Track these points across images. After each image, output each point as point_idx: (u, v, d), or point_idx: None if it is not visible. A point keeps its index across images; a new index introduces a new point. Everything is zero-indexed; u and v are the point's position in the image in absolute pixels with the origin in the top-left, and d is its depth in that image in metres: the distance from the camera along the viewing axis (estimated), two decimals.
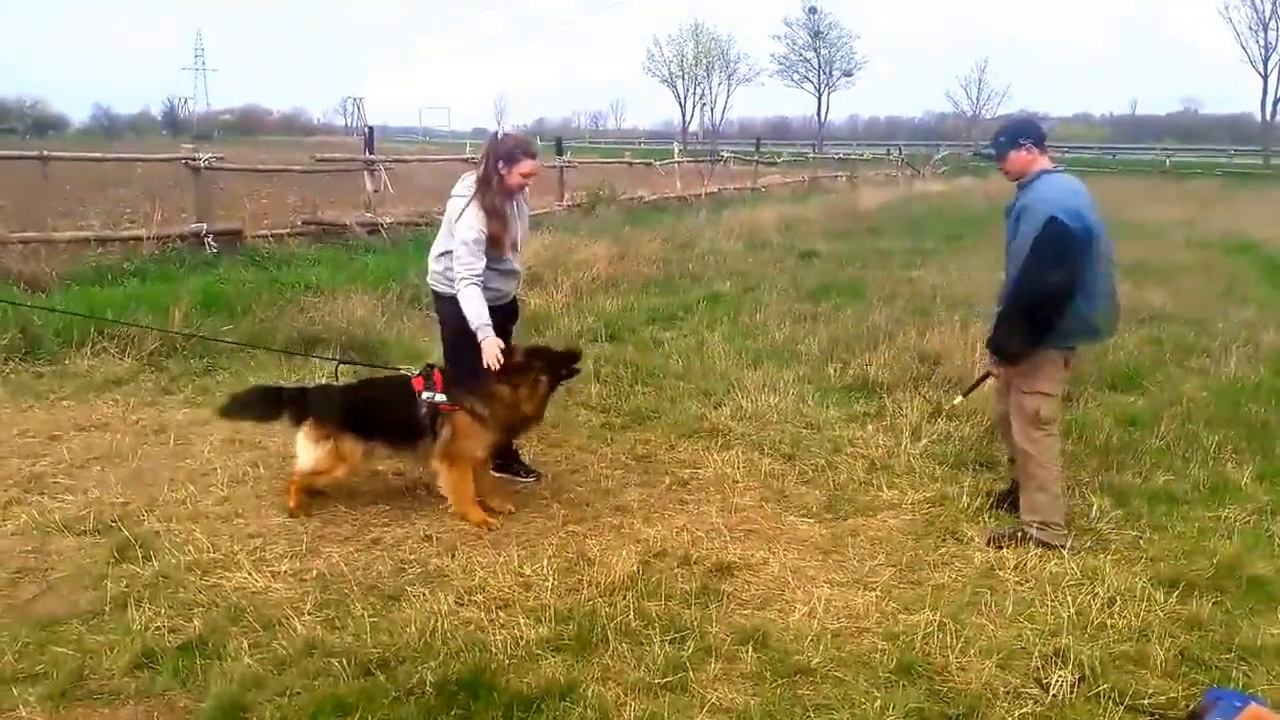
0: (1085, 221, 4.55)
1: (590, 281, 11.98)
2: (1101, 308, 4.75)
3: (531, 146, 5.19)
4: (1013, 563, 4.67)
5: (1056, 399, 4.92)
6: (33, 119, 75.14)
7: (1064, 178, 4.81)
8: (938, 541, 4.97)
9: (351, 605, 4.05)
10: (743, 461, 5.98)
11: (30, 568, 4.33)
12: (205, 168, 12.11)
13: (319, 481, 5.08)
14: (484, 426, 4.98)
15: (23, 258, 9.74)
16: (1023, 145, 4.84)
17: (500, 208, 5.04)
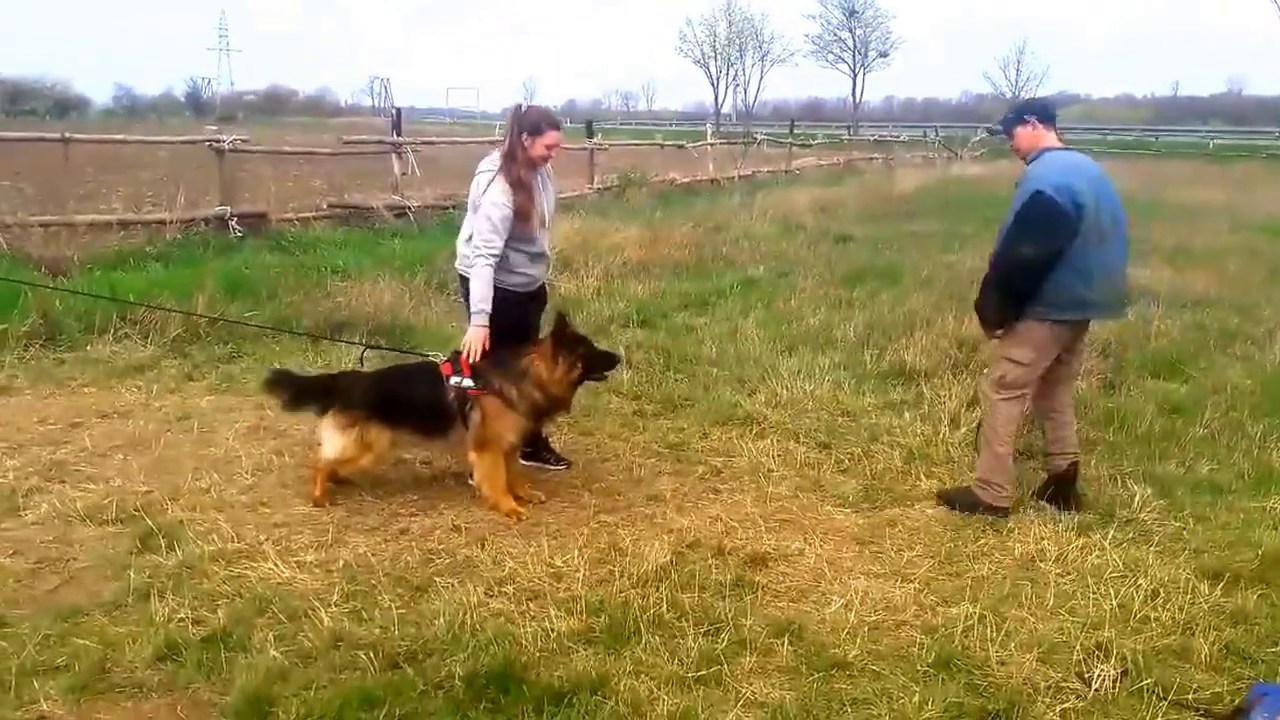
0: (1074, 197, 4.67)
1: (621, 266, 11.94)
2: (1098, 285, 4.84)
3: (555, 117, 5.18)
4: (1054, 554, 4.61)
5: (1027, 370, 4.98)
6: (54, 100, 75.89)
7: (1066, 155, 4.91)
8: (977, 533, 4.90)
9: (379, 597, 4.05)
10: (777, 450, 5.94)
11: (51, 558, 4.36)
12: (230, 150, 12.16)
13: (344, 470, 5.08)
14: (513, 410, 4.95)
15: (43, 242, 9.82)
16: (1028, 122, 5.01)
17: (526, 181, 5.03)
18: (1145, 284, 11.29)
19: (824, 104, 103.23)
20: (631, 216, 15.38)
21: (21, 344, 7.54)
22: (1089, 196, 4.74)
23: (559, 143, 5.11)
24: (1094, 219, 4.75)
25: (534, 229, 5.12)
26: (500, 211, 4.96)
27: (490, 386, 4.94)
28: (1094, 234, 4.76)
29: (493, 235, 4.98)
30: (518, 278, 5.21)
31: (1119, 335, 8.66)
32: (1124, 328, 8.93)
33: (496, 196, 4.98)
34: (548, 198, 5.28)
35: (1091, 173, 4.92)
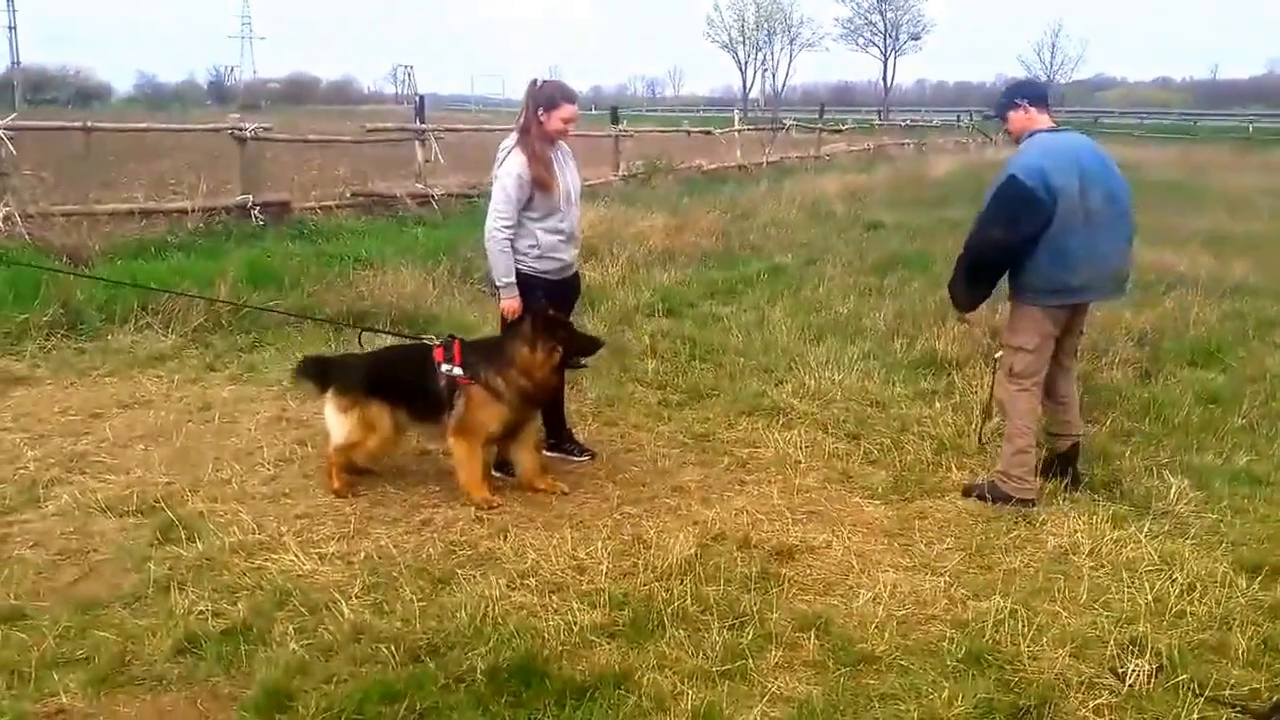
0: (1047, 181, 4.67)
1: (646, 254, 11.91)
2: (1084, 270, 4.83)
3: (571, 91, 5.16)
4: (1087, 547, 4.55)
5: (1033, 355, 5.00)
6: (76, 88, 76.60)
7: (1054, 137, 4.92)
8: (1009, 525, 4.86)
9: (400, 589, 4.05)
10: (805, 441, 5.91)
11: (72, 549, 4.39)
12: (251, 138, 12.22)
13: (354, 455, 5.10)
14: (499, 400, 4.95)
15: (65, 231, 9.89)
16: (1019, 105, 5.03)
17: (543, 154, 5.06)
18: (1183, 271, 11.16)
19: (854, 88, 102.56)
20: (657, 204, 15.33)
21: (43, 333, 7.60)
22: (1069, 179, 4.71)
23: (575, 117, 5.13)
24: (1075, 202, 4.71)
25: (558, 202, 5.13)
26: (515, 181, 5.00)
27: (478, 376, 4.94)
28: (1076, 217, 4.72)
29: (506, 206, 5.03)
30: (550, 262, 5.23)
31: (1156, 323, 8.56)
32: (1161, 316, 8.84)
33: (512, 167, 5.04)
34: (570, 174, 5.28)
35: (1081, 154, 4.88)
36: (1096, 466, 5.52)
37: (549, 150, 5.13)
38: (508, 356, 4.96)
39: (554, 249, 5.20)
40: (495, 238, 5.09)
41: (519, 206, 5.07)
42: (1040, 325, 4.97)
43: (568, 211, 5.22)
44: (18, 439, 5.77)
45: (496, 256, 5.12)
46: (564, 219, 5.20)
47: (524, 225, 5.14)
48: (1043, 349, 5.02)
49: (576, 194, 5.34)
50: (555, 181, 5.10)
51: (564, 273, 5.34)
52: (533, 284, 5.19)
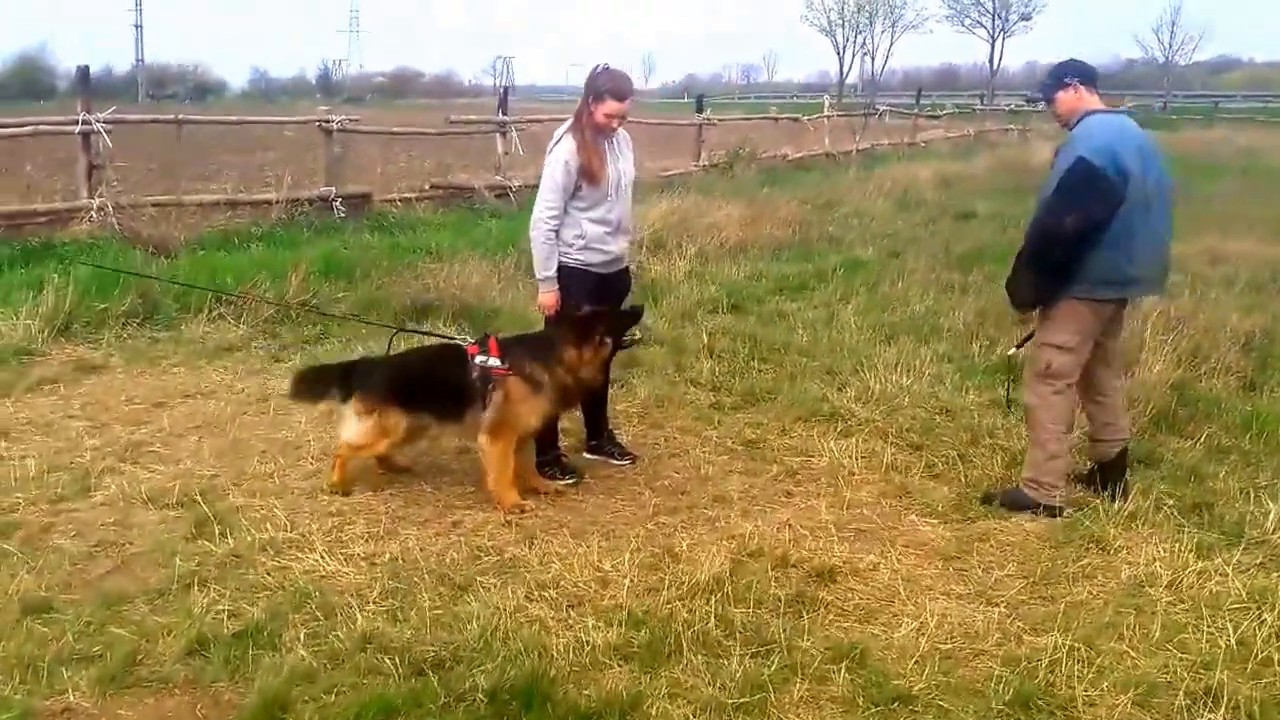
0: (1119, 164, 4.47)
1: (718, 247, 11.68)
2: (1142, 259, 4.65)
3: (623, 86, 4.98)
4: (1165, 579, 4.18)
5: (1073, 355, 4.76)
6: (194, 83, 79.38)
7: (1111, 118, 4.73)
8: (1080, 550, 4.51)
9: (419, 595, 3.94)
10: (862, 450, 5.62)
11: (109, 541, 4.39)
12: (338, 130, 12.33)
13: (361, 455, 5.03)
14: (539, 393, 4.81)
15: (153, 221, 10.09)
16: (1068, 84, 4.81)
17: (593, 142, 4.93)
18: None
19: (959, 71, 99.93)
20: (736, 194, 15.05)
21: (120, 323, 7.73)
22: (1135, 163, 4.53)
23: (618, 113, 4.95)
24: (1140, 187, 4.53)
25: (605, 191, 4.99)
26: (563, 168, 4.90)
27: (518, 368, 4.79)
28: (1139, 203, 4.54)
29: (553, 194, 4.94)
30: (596, 254, 5.09)
31: (1267, 327, 7.98)
32: (1274, 319, 8.24)
33: (560, 154, 4.94)
34: (623, 164, 5.14)
35: (1138, 138, 4.71)
36: (1185, 487, 5.13)
37: (600, 139, 4.98)
38: (554, 354, 4.83)
39: (600, 240, 5.05)
40: (540, 227, 4.99)
41: (566, 195, 4.95)
42: (1084, 322, 4.72)
43: (615, 202, 5.07)
44: (81, 426, 5.85)
45: (539, 246, 5.02)
46: (611, 209, 5.05)
47: (570, 215, 5.02)
48: (1082, 348, 4.77)
49: (628, 185, 5.19)
50: (604, 172, 4.96)
51: (611, 266, 5.18)
52: (578, 277, 5.04)
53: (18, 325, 7.29)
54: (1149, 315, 7.37)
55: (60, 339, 7.39)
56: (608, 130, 4.97)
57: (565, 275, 5.04)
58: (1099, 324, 4.80)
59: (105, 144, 10.12)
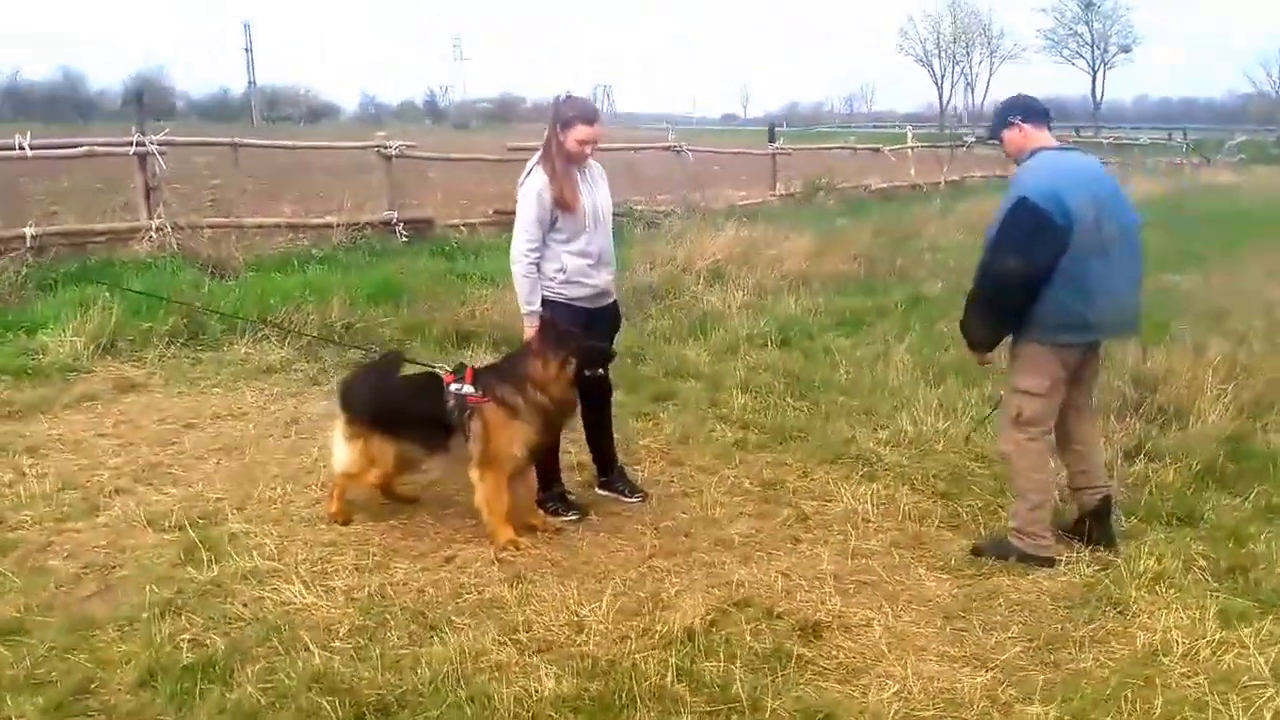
0: (1064, 205, 4.31)
1: (780, 279, 11.51)
2: (1101, 305, 4.47)
3: (590, 111, 4.94)
4: (1182, 648, 3.89)
5: (1043, 400, 4.60)
6: (307, 107, 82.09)
7: (1061, 156, 4.60)
8: (1095, 612, 4.24)
9: (388, 633, 3.89)
10: (882, 497, 5.41)
11: (99, 564, 4.45)
12: (396, 156, 12.52)
13: (355, 485, 5.01)
14: (518, 418, 4.73)
15: (211, 242, 10.34)
16: (1013, 124, 4.69)
17: (564, 173, 4.87)
18: None
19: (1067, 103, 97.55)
20: (810, 225, 14.86)
21: (164, 342, 7.91)
22: (1084, 204, 4.36)
23: (591, 138, 4.89)
24: (1091, 230, 4.36)
25: (583, 222, 4.93)
26: (535, 200, 4.85)
27: (492, 393, 4.73)
28: (1092, 246, 4.37)
29: (529, 227, 4.90)
30: (580, 288, 5.01)
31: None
32: None
33: (532, 185, 4.89)
34: (599, 195, 5.07)
35: (1092, 177, 4.55)
36: (1223, 549, 4.80)
37: (572, 168, 4.92)
38: (520, 372, 4.76)
39: (582, 273, 4.98)
40: (520, 262, 4.94)
41: (544, 227, 4.90)
42: (1050, 367, 4.56)
43: (594, 233, 5.00)
44: (108, 445, 5.99)
45: (520, 281, 4.97)
46: (591, 241, 4.98)
47: (550, 248, 4.96)
48: (1053, 394, 4.61)
49: (606, 216, 5.12)
50: (579, 202, 4.90)
51: (598, 300, 5.11)
52: (564, 312, 4.98)
53: (65, 342, 7.50)
54: (1212, 361, 7.00)
55: (106, 357, 7.61)
56: (580, 158, 4.91)
57: (551, 310, 4.96)
58: (1065, 369, 4.62)
59: (160, 165, 10.41)
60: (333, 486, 5.06)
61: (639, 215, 15.08)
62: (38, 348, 7.51)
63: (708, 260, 11.94)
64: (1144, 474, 5.60)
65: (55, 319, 7.82)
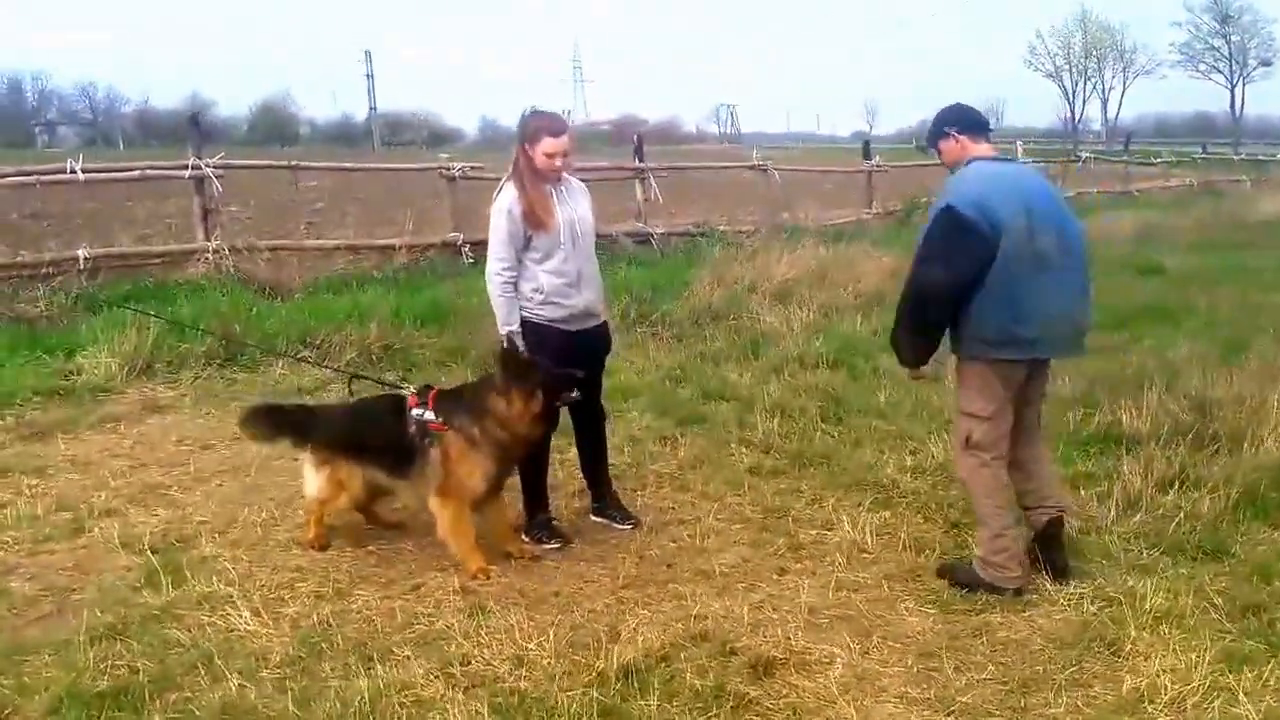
0: (990, 215, 4.13)
1: (852, 299, 11.21)
2: (1035, 320, 4.24)
3: (557, 124, 4.84)
4: (1169, 694, 3.55)
5: (992, 423, 4.40)
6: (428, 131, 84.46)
7: (995, 166, 4.43)
8: (1085, 653, 3.91)
9: (321, 664, 3.83)
10: (890, 526, 5.15)
11: (59, 587, 4.50)
12: (460, 177, 12.67)
13: (328, 510, 4.97)
14: (474, 449, 4.61)
15: (269, 265, 10.60)
16: (949, 134, 4.54)
17: (534, 189, 4.77)
18: None
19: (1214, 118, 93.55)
20: (897, 244, 14.46)
21: (200, 364, 8.09)
22: (1015, 215, 4.16)
23: (559, 150, 4.77)
24: (1023, 241, 4.16)
25: (557, 239, 4.81)
26: (505, 218, 4.77)
27: (451, 421, 4.63)
28: (1024, 259, 4.16)
29: (500, 247, 4.82)
30: (558, 309, 4.89)
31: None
32: None
33: (501, 203, 4.81)
34: (577, 211, 4.95)
35: (1027, 188, 4.29)
36: (1244, 586, 4.40)
37: (542, 184, 4.81)
38: (481, 403, 4.66)
39: (560, 294, 4.85)
40: (494, 281, 4.86)
41: (516, 245, 4.80)
42: (993, 386, 4.37)
43: (572, 252, 4.86)
44: (118, 466, 6.13)
45: (496, 301, 4.88)
46: (567, 260, 4.85)
47: (526, 267, 4.86)
48: (1000, 415, 4.40)
49: (586, 233, 4.97)
50: (552, 218, 4.78)
51: (580, 322, 4.97)
52: (544, 334, 4.86)
53: (100, 364, 7.75)
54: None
55: (141, 378, 7.82)
56: (550, 172, 4.79)
57: (530, 332, 4.86)
58: (1009, 387, 4.38)
59: (217, 188, 10.73)
60: (308, 513, 5.05)
61: (719, 236, 14.94)
62: (74, 369, 7.77)
63: (778, 280, 11.73)
64: (1175, 503, 5.19)
65: (95, 340, 8.08)
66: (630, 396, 7.55)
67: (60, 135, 79.71)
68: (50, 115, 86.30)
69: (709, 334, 9.79)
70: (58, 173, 10.20)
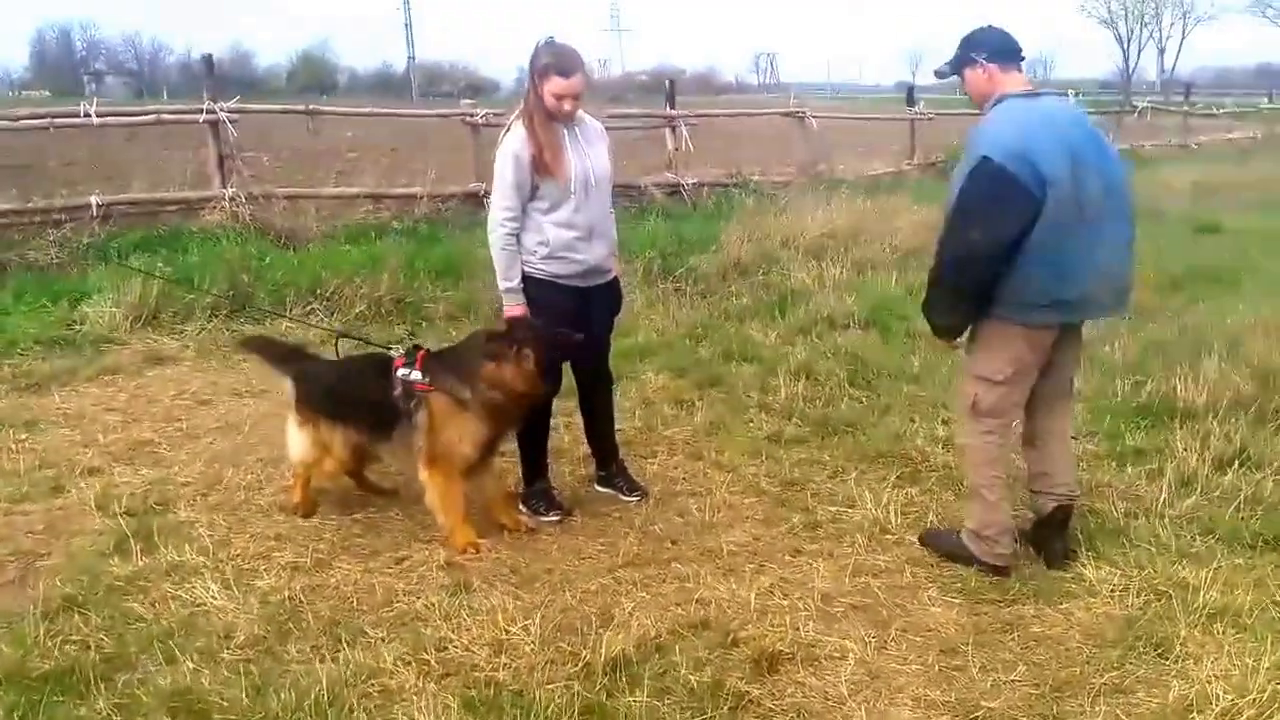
0: (1035, 166, 3.66)
1: (889, 254, 10.75)
2: (1079, 278, 3.81)
3: (567, 61, 4.31)
4: (1222, 704, 3.16)
5: (1005, 389, 4.01)
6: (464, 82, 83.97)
7: (1032, 105, 3.87)
8: (1129, 653, 3.55)
9: (287, 645, 3.56)
10: (915, 502, 4.79)
11: (26, 550, 4.28)
12: (483, 124, 12.27)
13: (314, 473, 4.69)
14: (463, 411, 4.29)
15: (286, 213, 10.31)
16: (976, 61, 3.99)
17: (544, 129, 4.33)
18: None
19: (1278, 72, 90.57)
20: (938, 196, 13.92)
21: (206, 315, 7.84)
22: (1060, 163, 3.69)
23: (568, 92, 4.30)
24: (1068, 193, 3.70)
25: (568, 188, 4.37)
26: (511, 163, 4.33)
27: (439, 382, 4.31)
28: (1069, 212, 3.72)
29: (505, 194, 4.39)
30: (565, 264, 4.49)
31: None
32: None
33: (508, 145, 4.36)
34: (591, 157, 4.48)
35: (1071, 131, 3.80)
36: None
37: (554, 125, 4.38)
38: (471, 363, 4.33)
39: (568, 247, 4.45)
40: (496, 232, 4.44)
41: (522, 193, 4.37)
42: (1016, 350, 3.95)
43: (585, 201, 4.43)
44: (110, 421, 5.93)
45: (497, 254, 4.47)
46: (578, 210, 4.42)
47: (531, 218, 4.44)
48: (1017, 382, 4.01)
49: (601, 181, 4.52)
50: (561, 164, 4.33)
51: (590, 278, 4.57)
52: (547, 290, 4.49)
53: (104, 313, 7.52)
54: None
55: (146, 328, 7.59)
56: (559, 114, 4.35)
57: (533, 288, 4.48)
58: (1036, 353, 3.97)
59: (232, 134, 10.43)
60: (294, 477, 4.78)
61: (753, 187, 14.47)
62: (78, 318, 7.55)
63: (811, 234, 11.29)
64: (1234, 484, 4.78)
65: (100, 289, 7.86)
66: (647, 356, 7.21)
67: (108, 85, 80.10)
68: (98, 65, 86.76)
69: (735, 290, 9.40)
70: (71, 115, 9.93)
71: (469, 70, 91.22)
